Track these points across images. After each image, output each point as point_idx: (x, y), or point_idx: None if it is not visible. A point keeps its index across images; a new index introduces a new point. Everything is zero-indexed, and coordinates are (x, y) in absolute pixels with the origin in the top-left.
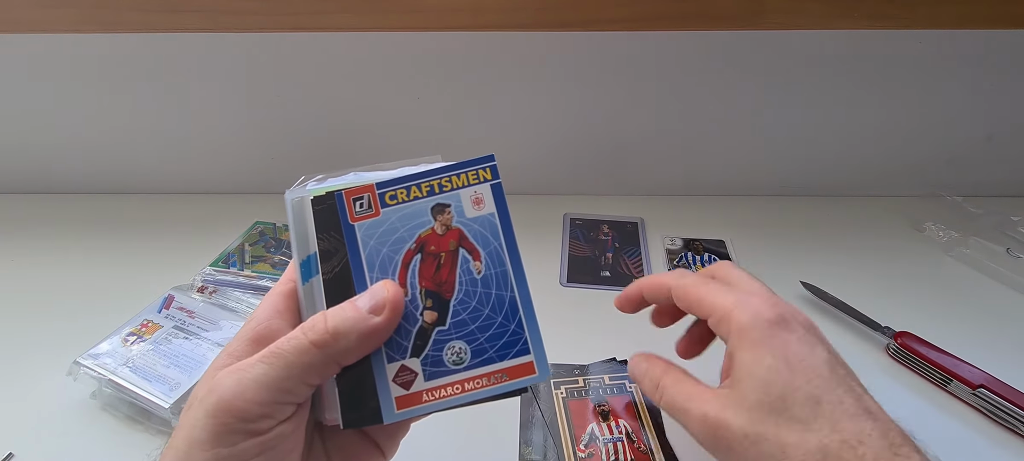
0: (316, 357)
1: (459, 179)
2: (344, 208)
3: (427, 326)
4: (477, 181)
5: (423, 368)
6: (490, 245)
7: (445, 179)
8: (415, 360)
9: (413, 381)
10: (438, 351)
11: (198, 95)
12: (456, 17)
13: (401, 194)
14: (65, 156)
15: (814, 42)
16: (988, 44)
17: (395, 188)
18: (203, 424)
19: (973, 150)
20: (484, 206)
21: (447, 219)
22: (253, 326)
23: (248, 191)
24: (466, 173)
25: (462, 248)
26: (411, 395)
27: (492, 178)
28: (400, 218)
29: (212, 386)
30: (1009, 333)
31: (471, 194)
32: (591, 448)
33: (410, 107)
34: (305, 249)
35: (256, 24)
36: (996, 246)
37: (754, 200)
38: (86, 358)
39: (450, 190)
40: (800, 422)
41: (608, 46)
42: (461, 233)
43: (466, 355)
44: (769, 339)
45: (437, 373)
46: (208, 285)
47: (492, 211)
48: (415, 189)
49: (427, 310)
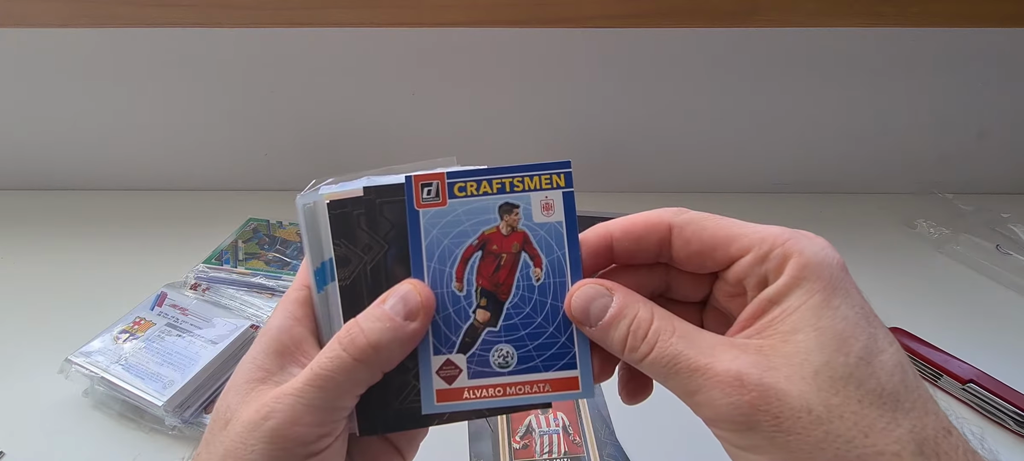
0: (362, 372)
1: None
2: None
3: (478, 325)
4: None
5: (468, 366)
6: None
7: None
8: (461, 356)
9: (456, 377)
10: (485, 351)
11: (191, 91)
12: (450, 13)
13: (471, 187)
14: (55, 152)
15: (808, 40)
16: (979, 42)
17: (466, 180)
18: (261, 450)
19: (964, 148)
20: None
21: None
22: (275, 335)
23: (242, 187)
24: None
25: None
26: (452, 390)
27: (565, 186)
28: (466, 212)
29: (265, 413)
30: (998, 329)
31: (542, 198)
32: (527, 439)
33: (404, 103)
34: (319, 255)
35: (249, 19)
36: (986, 243)
37: (747, 197)
38: (78, 356)
39: (521, 191)
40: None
41: (603, 43)
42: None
43: (512, 360)
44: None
45: (481, 373)
46: (201, 282)
47: (561, 220)
48: (486, 184)
49: (480, 309)
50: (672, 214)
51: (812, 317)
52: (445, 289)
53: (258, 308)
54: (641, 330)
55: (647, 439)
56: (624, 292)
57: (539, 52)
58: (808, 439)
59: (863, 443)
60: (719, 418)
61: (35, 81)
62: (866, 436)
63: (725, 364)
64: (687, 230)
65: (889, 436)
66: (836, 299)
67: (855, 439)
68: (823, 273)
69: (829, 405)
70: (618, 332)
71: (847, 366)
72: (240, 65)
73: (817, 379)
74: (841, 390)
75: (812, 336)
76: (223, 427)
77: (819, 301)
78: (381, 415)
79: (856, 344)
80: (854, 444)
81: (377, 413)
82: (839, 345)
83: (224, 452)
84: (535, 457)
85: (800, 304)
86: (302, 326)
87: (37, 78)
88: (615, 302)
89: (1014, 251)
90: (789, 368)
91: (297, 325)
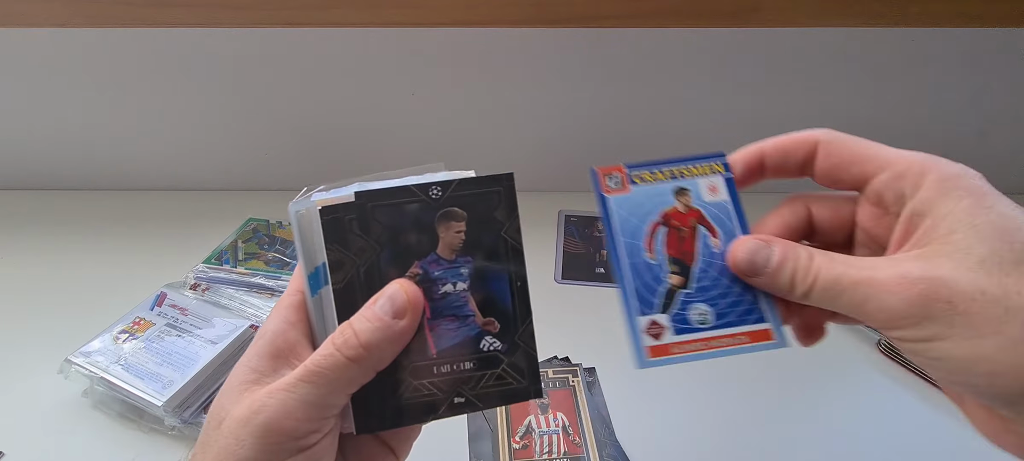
0: (355, 371)
1: (696, 168)
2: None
3: (674, 287)
4: (711, 173)
5: (672, 323)
6: (726, 226)
7: (683, 168)
8: (664, 316)
9: (662, 334)
10: (684, 310)
11: (191, 91)
12: (450, 13)
13: (647, 176)
14: (55, 152)
15: (808, 39)
16: (980, 41)
17: (641, 171)
18: (252, 444)
19: (965, 147)
20: (718, 194)
21: (687, 200)
22: (270, 339)
23: (241, 187)
24: (701, 165)
25: (701, 226)
26: (661, 346)
27: (725, 172)
28: (646, 195)
29: (257, 408)
30: None
31: (707, 182)
32: (526, 439)
33: (404, 103)
34: (312, 260)
35: (249, 19)
36: None
37: (747, 196)
38: (78, 356)
39: (688, 177)
40: None
41: (603, 42)
42: (701, 213)
43: (710, 317)
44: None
45: (684, 330)
46: (201, 282)
47: (726, 199)
48: (658, 173)
49: (673, 274)
50: (821, 133)
51: (966, 217)
52: (639, 259)
53: (258, 308)
54: (803, 267)
55: (647, 439)
56: (781, 241)
57: (539, 52)
58: (989, 316)
59: None
60: (894, 318)
61: (35, 81)
62: None
63: (887, 271)
64: (832, 145)
65: None
66: (987, 199)
67: None
68: (965, 182)
69: (1003, 284)
70: (784, 275)
71: (1014, 252)
72: (240, 65)
73: (984, 266)
74: (1012, 272)
75: (970, 233)
76: (217, 427)
77: (970, 204)
78: (377, 413)
79: (1020, 234)
80: None
81: (373, 411)
82: (1001, 236)
83: (218, 450)
84: (535, 457)
85: (949, 210)
86: (296, 330)
87: (37, 78)
88: (777, 250)
89: None
90: (952, 261)
91: (291, 329)
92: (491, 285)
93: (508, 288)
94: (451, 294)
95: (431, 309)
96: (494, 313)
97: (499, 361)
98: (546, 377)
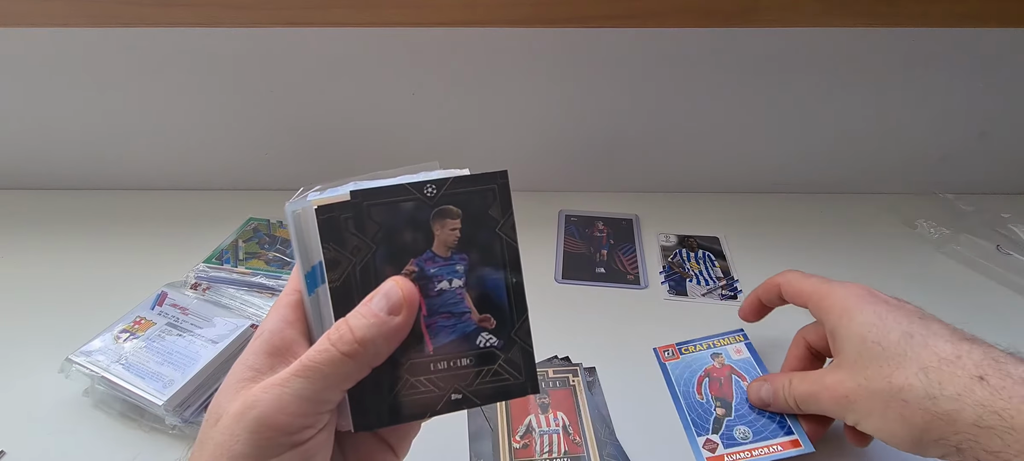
0: (350, 366)
1: (724, 341)
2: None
3: (720, 416)
4: (735, 341)
5: (722, 441)
6: (751, 373)
7: (716, 340)
8: (716, 436)
9: (716, 448)
10: (730, 431)
11: (191, 90)
12: (450, 13)
13: (689, 349)
14: (55, 152)
15: (807, 40)
16: (980, 42)
17: (684, 346)
18: (246, 439)
19: (965, 148)
20: (742, 354)
21: (721, 360)
22: (267, 338)
23: (242, 187)
24: (728, 337)
25: (734, 375)
26: (716, 458)
27: (745, 340)
28: (693, 359)
29: (251, 403)
30: (998, 329)
31: (733, 348)
32: (527, 439)
33: (405, 103)
34: (309, 259)
35: (249, 19)
36: (986, 243)
37: (748, 197)
38: (78, 355)
39: (720, 346)
40: (898, 355)
41: (603, 42)
42: (732, 368)
43: (749, 435)
44: (861, 303)
45: (731, 445)
46: (202, 282)
47: (749, 357)
48: (699, 346)
49: (719, 407)
50: (780, 278)
51: (846, 332)
52: (692, 400)
53: (258, 307)
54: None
55: (647, 439)
56: (772, 377)
57: (539, 52)
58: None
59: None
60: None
61: (35, 81)
62: (890, 383)
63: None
64: (786, 286)
65: (903, 376)
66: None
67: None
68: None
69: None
70: (779, 402)
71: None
72: (240, 65)
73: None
74: (870, 366)
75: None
76: (214, 424)
77: (847, 323)
78: (375, 410)
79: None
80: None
81: (370, 409)
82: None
83: (214, 447)
84: (535, 457)
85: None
86: (294, 328)
87: (37, 78)
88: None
89: (1014, 251)
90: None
91: (289, 327)
92: (487, 282)
93: (503, 285)
94: (447, 291)
95: (427, 306)
96: (490, 310)
97: (496, 357)
98: (546, 377)
